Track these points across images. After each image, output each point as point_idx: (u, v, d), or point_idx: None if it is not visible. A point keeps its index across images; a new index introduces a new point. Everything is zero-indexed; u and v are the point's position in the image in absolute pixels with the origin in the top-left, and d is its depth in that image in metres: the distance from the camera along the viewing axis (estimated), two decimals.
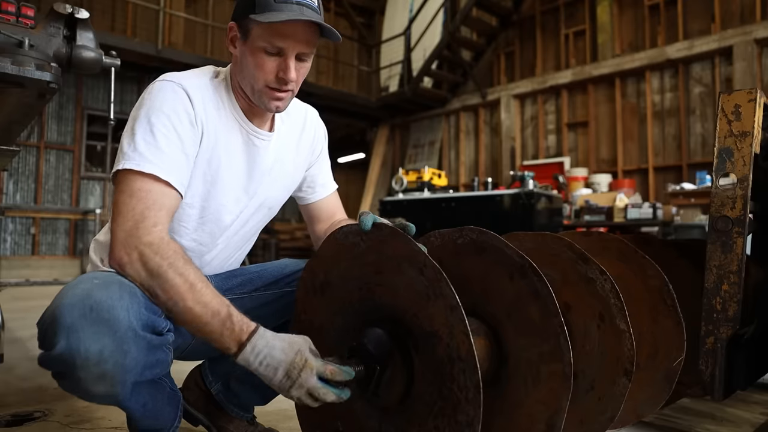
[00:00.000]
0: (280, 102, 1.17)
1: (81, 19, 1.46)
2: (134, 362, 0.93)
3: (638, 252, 1.31)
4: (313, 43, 1.14)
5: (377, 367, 0.94)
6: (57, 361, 0.89)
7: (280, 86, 1.14)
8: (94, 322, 0.88)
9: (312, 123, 1.39)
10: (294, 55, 1.13)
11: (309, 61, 1.17)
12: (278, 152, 1.30)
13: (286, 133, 1.32)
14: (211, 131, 1.16)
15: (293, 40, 1.11)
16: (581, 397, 1.12)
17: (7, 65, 1.28)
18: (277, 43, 1.10)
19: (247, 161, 1.23)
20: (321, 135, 1.42)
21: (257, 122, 1.25)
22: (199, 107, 1.13)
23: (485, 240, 1.00)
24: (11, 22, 1.35)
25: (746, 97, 1.37)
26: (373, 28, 11.56)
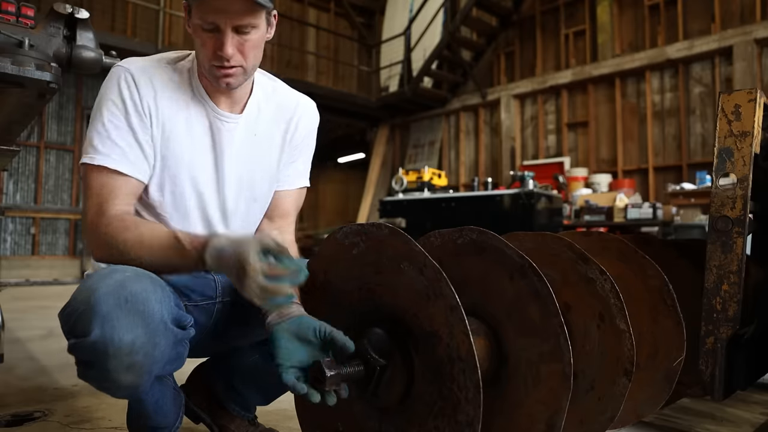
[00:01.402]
0: (229, 78, 1.13)
1: (81, 19, 1.46)
2: (162, 355, 0.95)
3: (638, 252, 1.31)
4: (249, 12, 1.07)
5: (377, 367, 0.94)
6: (89, 349, 0.89)
7: (221, 63, 1.10)
8: (129, 312, 0.90)
9: (300, 116, 1.33)
10: (230, 29, 1.08)
11: (254, 32, 1.11)
12: (249, 135, 1.25)
13: (265, 117, 1.28)
14: (163, 114, 1.15)
15: (224, 14, 1.06)
16: (581, 397, 1.12)
17: (7, 65, 1.28)
18: (209, 18, 1.07)
19: (211, 143, 1.21)
20: (308, 130, 1.35)
21: (225, 103, 1.22)
22: (145, 91, 1.14)
23: (485, 240, 1.00)
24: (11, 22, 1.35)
25: (746, 97, 1.37)
26: (373, 28, 11.56)
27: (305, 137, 1.35)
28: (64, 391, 1.91)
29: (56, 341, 2.83)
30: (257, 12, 1.09)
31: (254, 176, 1.27)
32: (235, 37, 1.09)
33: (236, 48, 1.10)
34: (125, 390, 0.96)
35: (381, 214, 6.53)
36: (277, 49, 10.07)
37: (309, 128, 1.35)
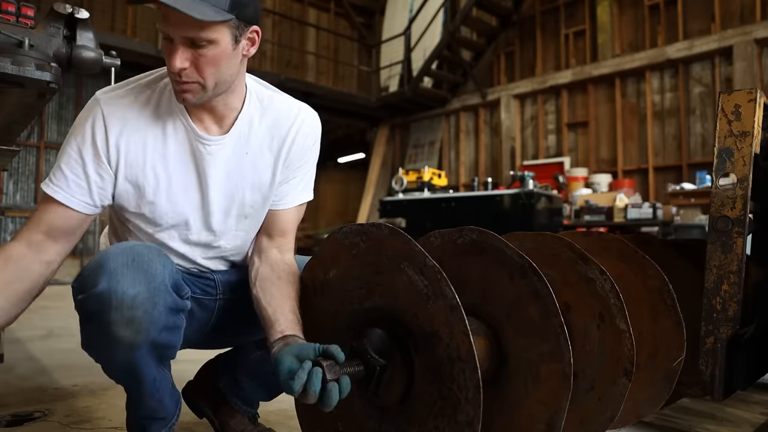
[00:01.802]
0: (185, 94, 1.07)
1: (81, 19, 1.46)
2: (159, 315, 1.01)
3: (638, 252, 1.31)
4: (196, 25, 0.98)
5: (377, 367, 0.94)
6: (95, 299, 0.97)
7: (176, 77, 1.04)
8: (135, 270, 0.99)
9: (297, 133, 1.24)
10: (179, 40, 1.01)
11: (211, 47, 1.02)
12: (239, 153, 1.19)
13: (257, 135, 1.21)
14: (134, 150, 1.13)
15: (170, 23, 1.00)
16: (581, 397, 1.12)
17: (7, 65, 1.28)
18: (162, 26, 1.02)
19: (194, 167, 1.17)
20: (306, 147, 1.26)
21: (209, 120, 1.17)
22: (115, 131, 1.11)
23: (485, 240, 1.00)
24: (11, 22, 1.35)
25: (746, 97, 1.37)
26: (373, 28, 11.56)
27: (303, 155, 1.26)
28: (64, 391, 1.91)
29: (56, 341, 2.83)
30: (206, 26, 1.00)
31: (244, 195, 1.22)
32: (188, 50, 1.02)
33: (191, 62, 1.03)
34: (122, 347, 1.00)
35: (381, 214, 6.53)
36: (277, 49, 10.08)
37: (306, 145, 1.26)
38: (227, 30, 1.03)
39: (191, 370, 1.49)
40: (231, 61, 1.08)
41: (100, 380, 1.98)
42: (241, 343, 1.40)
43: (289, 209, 1.28)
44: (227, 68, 1.08)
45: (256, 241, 1.30)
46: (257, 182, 1.22)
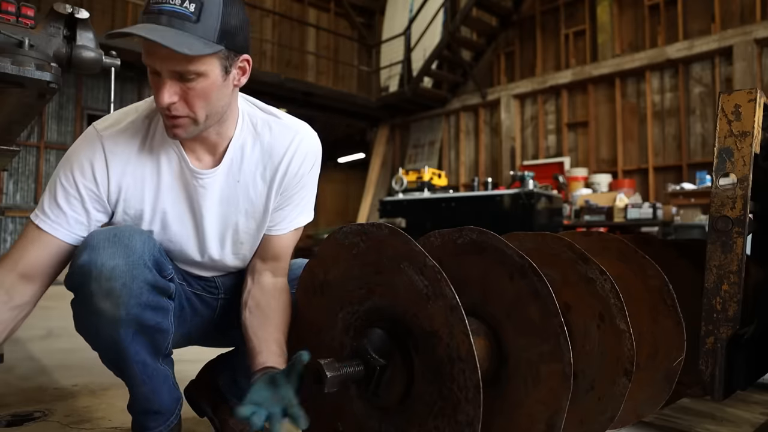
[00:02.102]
0: (176, 129, 1.04)
1: (81, 19, 1.46)
2: (139, 290, 1.03)
3: (638, 252, 1.31)
4: (185, 60, 0.95)
5: (377, 367, 0.94)
6: (77, 272, 1.02)
7: (165, 112, 1.02)
8: (114, 244, 1.03)
9: (291, 160, 1.19)
10: (167, 74, 0.98)
11: (200, 80, 0.99)
12: (231, 182, 1.18)
13: (249, 163, 1.18)
14: (135, 183, 1.13)
15: (156, 57, 0.96)
16: (581, 397, 1.12)
17: (7, 65, 1.28)
18: (147, 61, 0.99)
19: (188, 200, 1.17)
20: (300, 174, 1.21)
21: (202, 150, 1.15)
22: (113, 156, 1.11)
23: (485, 240, 1.00)
24: (11, 22, 1.35)
25: (746, 97, 1.37)
26: (373, 28, 11.56)
27: (299, 181, 1.22)
28: (64, 391, 1.91)
29: (56, 341, 2.83)
30: (195, 59, 0.96)
31: (238, 222, 1.21)
32: (176, 84, 0.99)
33: (179, 96, 1.00)
34: (105, 322, 1.03)
35: (381, 214, 6.53)
36: (277, 49, 10.08)
37: (302, 171, 1.21)
38: (217, 61, 1.01)
39: (193, 370, 1.49)
40: (221, 92, 1.05)
41: (100, 380, 1.98)
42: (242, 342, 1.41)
43: (284, 234, 1.24)
44: (218, 100, 1.05)
45: (249, 261, 1.28)
46: (250, 210, 1.20)
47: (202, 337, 1.36)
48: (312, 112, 10.32)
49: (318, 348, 1.08)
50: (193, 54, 0.94)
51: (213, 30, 0.97)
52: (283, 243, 1.25)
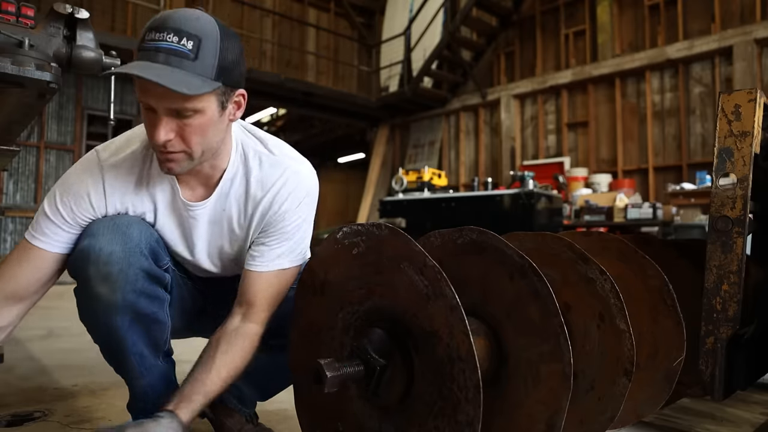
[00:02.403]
0: (171, 164, 1.04)
1: (81, 19, 1.46)
2: (135, 277, 1.07)
3: (638, 252, 1.31)
4: (182, 98, 0.94)
5: (377, 367, 0.94)
6: (77, 256, 1.07)
7: (159, 148, 1.02)
8: (112, 231, 1.08)
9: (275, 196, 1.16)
10: (163, 111, 0.97)
11: (197, 116, 0.99)
12: (218, 211, 1.18)
13: (235, 193, 1.18)
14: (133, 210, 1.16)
15: (152, 95, 0.96)
16: (581, 397, 1.12)
17: (7, 65, 1.28)
18: (142, 98, 0.98)
19: (181, 230, 1.20)
20: (283, 210, 1.17)
21: (194, 184, 1.17)
22: (111, 186, 1.13)
23: (485, 240, 1.00)
24: (11, 22, 1.35)
25: (746, 97, 1.37)
26: (373, 28, 11.56)
27: (281, 220, 1.17)
28: (64, 391, 1.91)
29: (56, 341, 2.83)
30: (193, 97, 0.96)
31: (223, 247, 1.23)
32: (172, 121, 0.99)
33: (175, 132, 1.00)
34: (103, 307, 1.07)
35: (381, 214, 6.53)
36: (277, 49, 10.08)
37: (284, 209, 1.16)
38: (214, 98, 1.00)
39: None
40: (217, 127, 1.05)
41: (100, 380, 1.98)
42: None
43: (262, 273, 1.16)
44: (214, 135, 1.05)
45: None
46: (233, 238, 1.22)
47: (202, 328, 1.37)
48: (312, 112, 10.32)
49: (317, 348, 1.08)
50: (191, 93, 0.93)
51: (211, 67, 0.96)
52: (260, 284, 1.16)
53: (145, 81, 0.93)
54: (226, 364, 1.10)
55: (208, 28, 0.97)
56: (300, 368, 1.13)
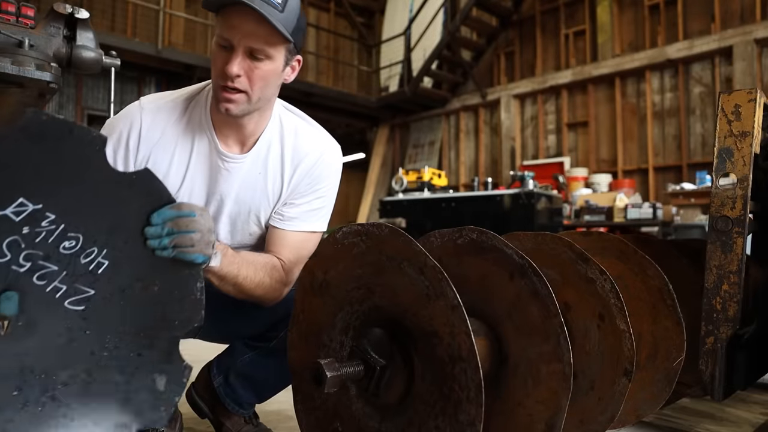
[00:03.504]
0: (230, 104, 1.11)
1: (81, 19, 1.46)
2: None
3: (638, 252, 1.31)
4: (264, 38, 1.07)
5: (377, 367, 0.94)
6: None
7: (225, 82, 1.09)
8: None
9: (311, 163, 1.27)
10: (242, 49, 1.08)
11: (267, 62, 1.10)
12: (253, 173, 1.24)
13: (274, 156, 1.25)
14: (164, 159, 1.19)
15: (238, 31, 1.06)
16: (581, 397, 1.12)
17: (7, 65, 1.28)
18: (224, 33, 1.08)
19: (210, 180, 1.23)
20: (316, 176, 1.28)
21: (233, 138, 1.22)
22: (148, 128, 1.18)
23: (485, 240, 1.00)
24: (11, 22, 1.35)
25: (746, 97, 1.37)
26: (373, 28, 11.56)
27: (312, 185, 1.28)
28: None
29: None
30: (273, 39, 1.08)
31: (250, 212, 1.27)
32: (245, 61, 1.09)
33: (244, 71, 1.09)
34: None
35: (381, 214, 6.53)
36: None
37: (317, 176, 1.28)
38: (284, 51, 1.12)
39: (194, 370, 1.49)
40: (276, 80, 1.15)
41: None
42: (237, 335, 1.40)
43: (290, 231, 1.27)
44: (272, 86, 1.15)
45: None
46: (265, 202, 1.27)
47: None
48: (312, 112, 10.25)
49: (317, 348, 1.08)
50: (282, 32, 1.05)
51: (291, 23, 1.09)
52: (286, 242, 1.27)
53: (236, 17, 1.04)
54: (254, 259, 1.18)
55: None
56: (300, 368, 1.13)
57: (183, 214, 0.98)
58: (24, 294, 0.87)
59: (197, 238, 0.98)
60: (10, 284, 0.86)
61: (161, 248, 0.96)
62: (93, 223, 0.92)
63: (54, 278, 0.89)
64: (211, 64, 1.14)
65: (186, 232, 0.97)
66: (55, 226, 0.89)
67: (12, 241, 0.86)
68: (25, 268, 0.87)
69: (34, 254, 0.88)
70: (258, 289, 1.19)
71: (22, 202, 0.87)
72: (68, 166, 0.90)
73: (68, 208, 0.90)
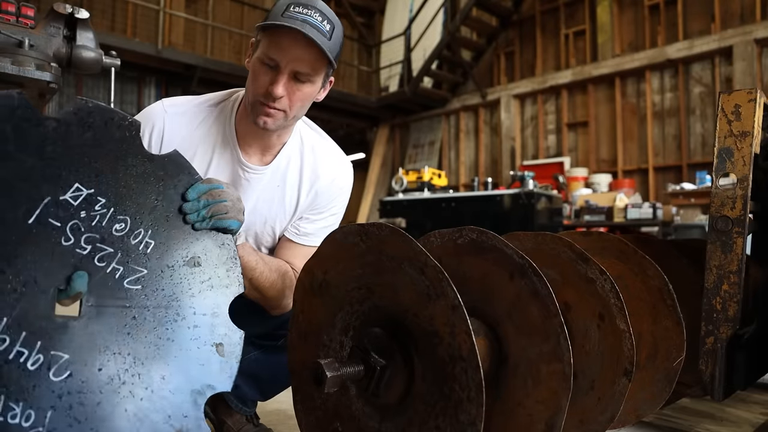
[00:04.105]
0: (267, 118, 1.14)
1: (81, 19, 1.46)
2: None
3: (638, 252, 1.31)
4: (311, 63, 1.11)
5: (377, 367, 0.94)
6: None
7: (267, 101, 1.12)
8: None
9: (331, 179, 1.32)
10: (288, 71, 1.11)
11: (309, 84, 1.14)
12: (272, 186, 1.27)
13: (293, 171, 1.28)
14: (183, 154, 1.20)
15: (288, 54, 1.09)
16: (581, 397, 1.12)
17: (7, 65, 1.28)
18: (272, 54, 1.10)
19: None
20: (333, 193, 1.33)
21: (255, 148, 1.24)
22: (170, 131, 1.19)
23: (485, 240, 1.01)
24: (11, 22, 1.35)
25: (746, 97, 1.37)
26: (373, 28, 11.56)
27: (329, 201, 1.33)
28: None
29: None
30: (318, 65, 1.12)
31: (266, 222, 1.29)
32: (289, 82, 1.12)
33: (287, 92, 1.12)
34: None
35: (381, 214, 6.53)
36: None
37: (333, 193, 1.33)
38: (323, 75, 1.17)
39: None
40: (312, 100, 1.20)
41: None
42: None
43: (300, 245, 1.31)
44: (307, 106, 1.20)
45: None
46: (281, 215, 1.30)
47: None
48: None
49: (317, 348, 1.08)
50: (329, 59, 1.11)
51: (335, 51, 1.14)
52: (301, 251, 1.30)
53: (286, 40, 1.08)
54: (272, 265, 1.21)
55: (338, 20, 1.15)
56: (299, 368, 1.13)
57: (214, 186, 1.01)
58: (89, 276, 0.91)
59: (230, 205, 1.02)
60: (76, 267, 0.90)
61: (200, 220, 1.00)
62: (136, 205, 0.97)
63: (111, 260, 0.94)
64: (250, 78, 1.16)
65: (219, 201, 1.00)
66: (106, 209, 0.93)
67: (73, 225, 0.90)
68: (86, 251, 0.91)
69: (92, 237, 0.92)
70: (271, 290, 1.20)
71: (78, 187, 0.91)
72: (111, 151, 0.95)
73: (115, 192, 0.95)
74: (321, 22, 1.10)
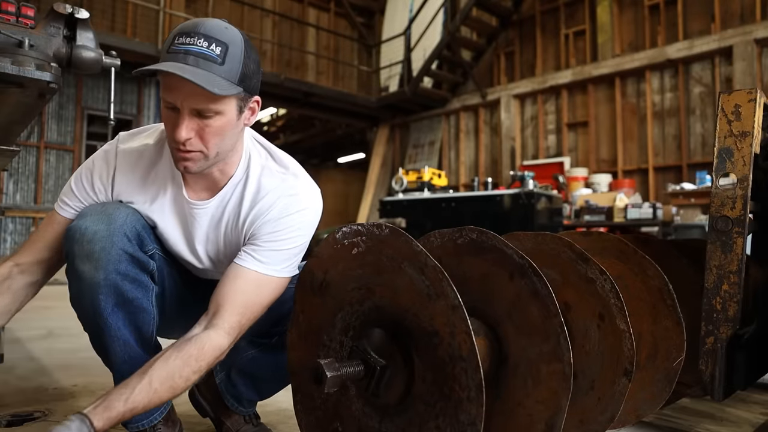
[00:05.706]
0: (187, 162, 1.07)
1: (81, 19, 1.46)
2: (118, 257, 1.10)
3: (638, 252, 1.31)
4: (206, 97, 0.99)
5: (377, 367, 0.94)
6: (66, 235, 1.12)
7: (179, 146, 1.05)
8: (99, 214, 1.12)
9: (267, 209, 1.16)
10: (187, 111, 1.02)
11: (218, 117, 1.03)
12: (216, 218, 1.20)
13: (234, 200, 1.19)
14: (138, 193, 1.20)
15: (179, 94, 1.00)
16: (581, 397, 1.12)
17: (7, 65, 1.27)
18: (166, 96, 1.03)
19: (182, 226, 1.22)
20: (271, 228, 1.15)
21: (201, 184, 1.19)
22: (122, 178, 1.20)
23: (485, 240, 1.01)
24: (11, 22, 1.35)
25: (746, 97, 1.37)
26: (373, 28, 11.56)
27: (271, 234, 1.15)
28: (64, 391, 1.91)
29: (56, 341, 2.83)
30: (216, 96, 1.00)
31: (227, 248, 1.23)
32: (194, 120, 1.03)
33: (195, 132, 1.04)
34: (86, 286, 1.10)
35: (381, 214, 6.53)
36: (277, 49, 10.08)
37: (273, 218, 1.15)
38: (234, 102, 1.06)
39: None
40: (233, 130, 1.10)
41: (100, 380, 1.98)
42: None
43: (239, 268, 1.12)
44: (229, 138, 1.10)
45: None
46: (228, 242, 1.22)
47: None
48: (312, 112, 10.33)
49: (317, 348, 1.08)
50: (221, 93, 0.99)
51: (235, 73, 1.02)
52: (235, 283, 1.12)
53: (174, 79, 0.98)
54: (161, 375, 0.99)
55: (234, 37, 1.04)
56: (299, 368, 1.13)
57: None
58: None
59: None
60: None
61: None
62: None
63: None
64: (163, 123, 1.10)
65: None
66: None
67: None
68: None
69: None
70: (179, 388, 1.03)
71: None
72: None
73: None
74: (208, 48, 0.99)
